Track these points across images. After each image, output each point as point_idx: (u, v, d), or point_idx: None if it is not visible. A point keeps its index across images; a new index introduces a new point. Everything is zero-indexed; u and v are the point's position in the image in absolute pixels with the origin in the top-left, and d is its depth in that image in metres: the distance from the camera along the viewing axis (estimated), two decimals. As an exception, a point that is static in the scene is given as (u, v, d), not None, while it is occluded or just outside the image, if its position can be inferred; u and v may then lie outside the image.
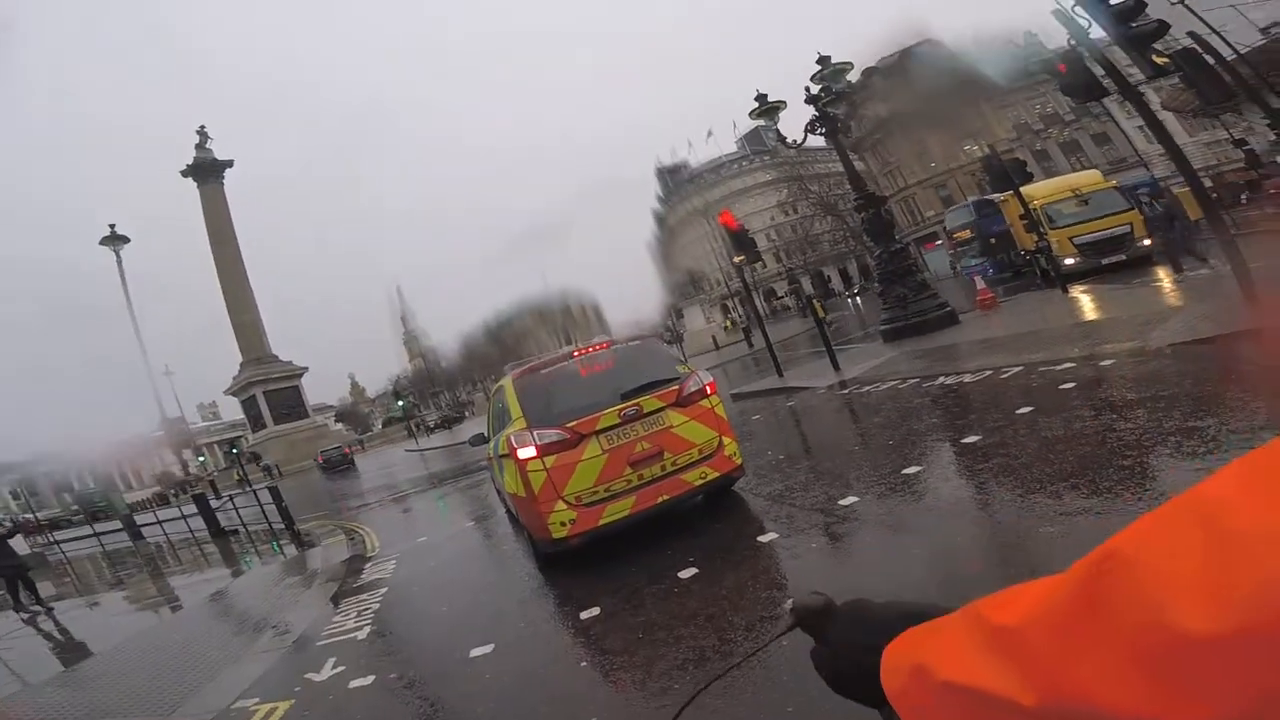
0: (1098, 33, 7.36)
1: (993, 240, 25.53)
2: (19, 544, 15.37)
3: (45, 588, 12.25)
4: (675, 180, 74.65)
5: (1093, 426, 4.81)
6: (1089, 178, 18.66)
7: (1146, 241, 15.58)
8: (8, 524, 12.10)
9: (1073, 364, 6.84)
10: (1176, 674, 0.32)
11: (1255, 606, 0.29)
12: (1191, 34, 15.92)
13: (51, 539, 19.52)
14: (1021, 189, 15.72)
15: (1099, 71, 7.72)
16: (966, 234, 28.73)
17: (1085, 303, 11.40)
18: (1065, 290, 13.16)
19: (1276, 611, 0.29)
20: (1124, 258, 15.55)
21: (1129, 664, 0.34)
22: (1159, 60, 7.16)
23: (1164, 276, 12.00)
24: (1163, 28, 6.98)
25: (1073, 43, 7.70)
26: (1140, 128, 41.71)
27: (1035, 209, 16.38)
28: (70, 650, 6.82)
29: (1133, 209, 16.48)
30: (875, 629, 0.55)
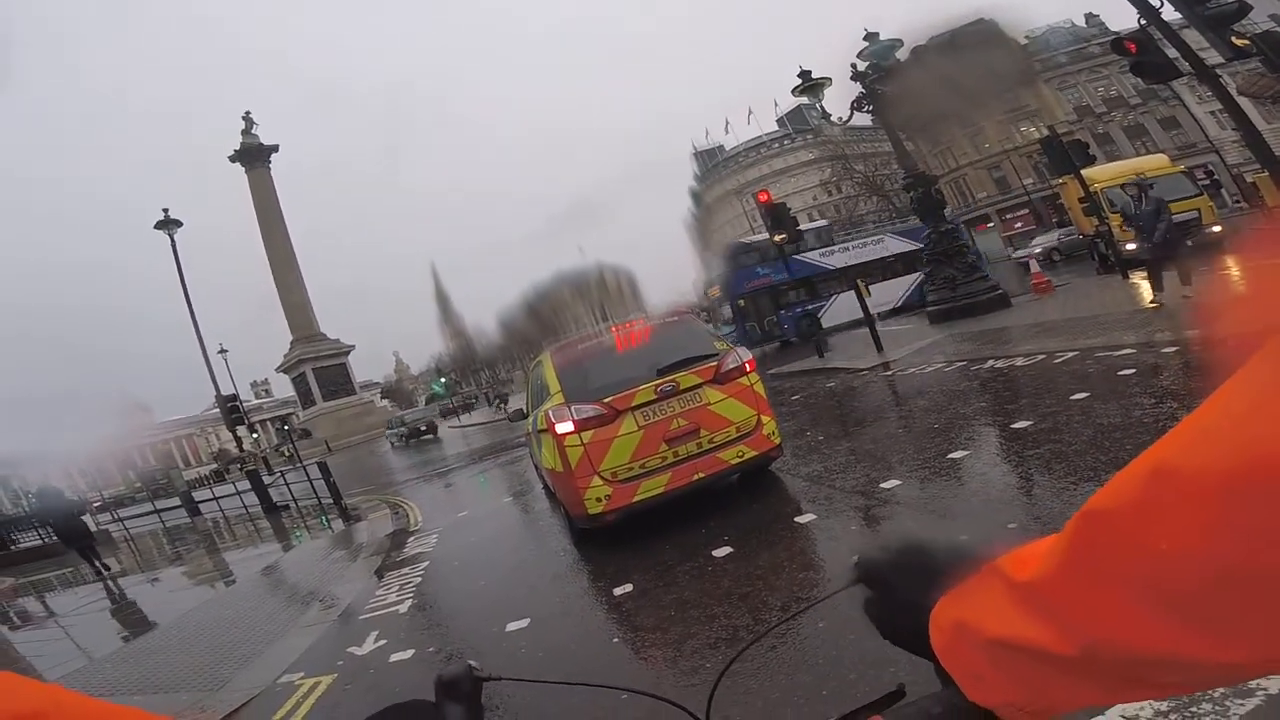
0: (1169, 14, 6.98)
1: (741, 302, 20.79)
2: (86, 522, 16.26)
3: (109, 564, 12.88)
4: (711, 163, 73.39)
5: (1153, 415, 4.58)
6: (1155, 162, 17.82)
7: (1217, 228, 14.75)
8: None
9: (1132, 350, 6.52)
10: (1202, 611, 0.33)
11: (1234, 542, 0.31)
12: (1274, 16, 14.91)
13: (116, 515, 20.45)
14: (1084, 172, 15.07)
15: (1172, 53, 7.31)
16: (716, 291, 22.65)
17: (1146, 289, 10.85)
18: (1125, 276, 12.58)
19: (1236, 543, 0.30)
20: (1189, 244, 14.82)
21: (1155, 607, 0.35)
22: (1238, 42, 6.73)
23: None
24: (1244, 8, 6.54)
25: (1143, 22, 7.29)
26: (1212, 113, 39.45)
27: (1096, 192, 15.70)
28: (129, 626, 7.10)
29: (1201, 194, 15.64)
30: (928, 581, 0.54)
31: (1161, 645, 0.35)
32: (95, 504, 25.85)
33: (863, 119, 14.38)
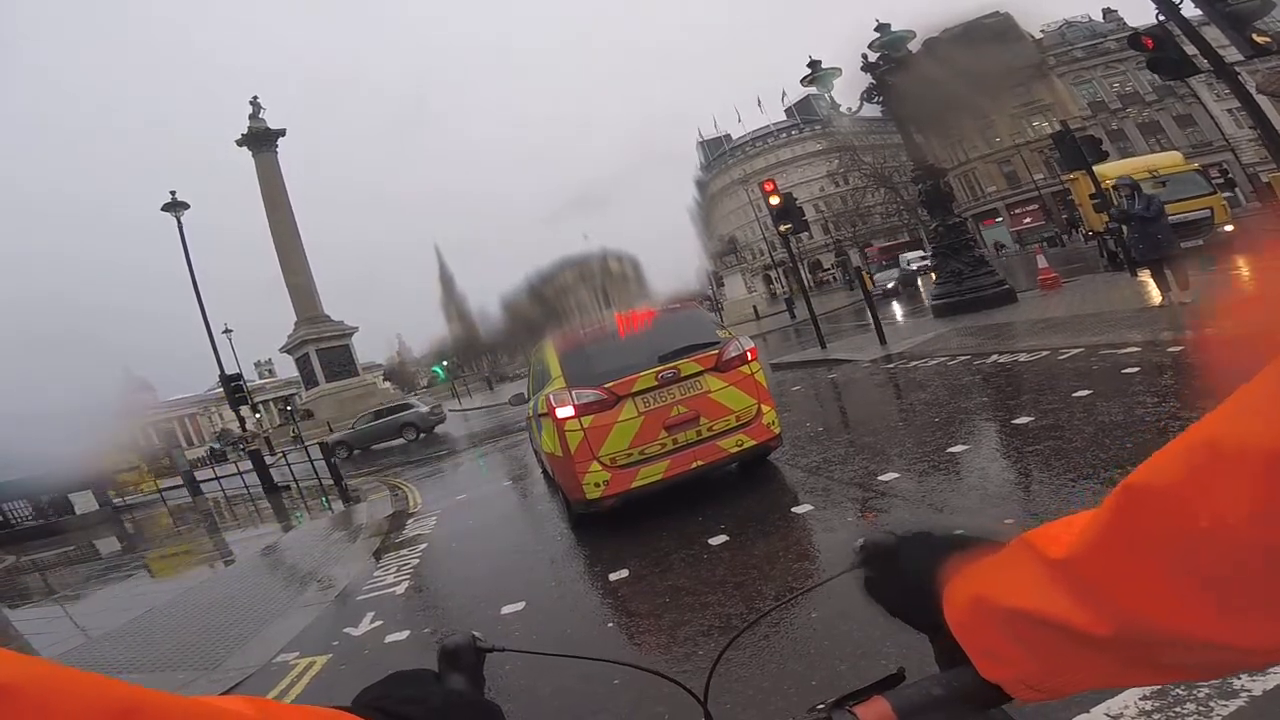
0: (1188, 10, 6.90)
1: None
2: (89, 501, 16.38)
3: (110, 543, 12.98)
4: (717, 152, 72.88)
5: (1155, 414, 4.55)
6: (1169, 159, 17.61)
7: (1229, 227, 14.64)
8: None
9: (1137, 348, 6.48)
10: (1238, 595, 0.32)
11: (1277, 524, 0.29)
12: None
13: (120, 493, 20.56)
14: (1095, 168, 14.93)
15: (1190, 49, 7.21)
16: None
17: (1154, 288, 10.77)
18: (1134, 274, 12.49)
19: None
20: (1200, 242, 14.69)
21: (1191, 588, 0.34)
22: (1259, 40, 6.63)
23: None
24: (1267, 5, 6.45)
25: (1162, 18, 7.19)
26: (1229, 111, 39.01)
27: (1107, 188, 15.57)
28: (129, 605, 7.14)
29: (1215, 193, 15.49)
30: (933, 560, 0.54)
31: (1196, 628, 0.34)
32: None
33: (872, 110, 14.26)
